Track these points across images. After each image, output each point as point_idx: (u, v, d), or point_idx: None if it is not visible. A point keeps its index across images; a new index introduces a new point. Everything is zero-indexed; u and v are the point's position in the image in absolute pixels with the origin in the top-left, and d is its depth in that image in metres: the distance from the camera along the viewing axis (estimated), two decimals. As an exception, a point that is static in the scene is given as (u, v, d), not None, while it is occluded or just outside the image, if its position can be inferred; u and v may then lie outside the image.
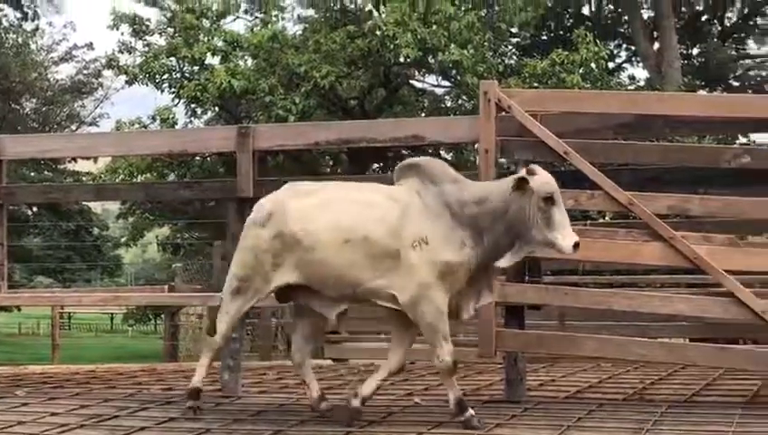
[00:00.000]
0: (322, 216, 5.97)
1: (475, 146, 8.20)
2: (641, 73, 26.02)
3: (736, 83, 27.68)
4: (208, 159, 22.86)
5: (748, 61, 28.50)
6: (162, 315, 23.15)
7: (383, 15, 20.62)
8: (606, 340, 6.89)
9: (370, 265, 5.87)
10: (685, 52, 28.50)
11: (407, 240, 5.83)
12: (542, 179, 5.77)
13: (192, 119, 23.54)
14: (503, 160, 7.05)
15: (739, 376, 7.94)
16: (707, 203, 6.63)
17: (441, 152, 23.81)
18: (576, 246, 5.70)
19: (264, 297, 6.31)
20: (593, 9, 28.55)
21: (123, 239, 32.54)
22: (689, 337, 9.91)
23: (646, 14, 25.78)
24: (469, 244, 5.84)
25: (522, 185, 5.70)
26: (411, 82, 23.94)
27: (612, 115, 6.93)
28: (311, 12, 23.85)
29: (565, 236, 5.72)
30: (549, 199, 5.71)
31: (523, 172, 5.81)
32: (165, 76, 23.25)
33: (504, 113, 6.87)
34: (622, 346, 6.82)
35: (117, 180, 21.87)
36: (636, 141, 7.05)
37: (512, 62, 24.58)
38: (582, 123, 7.02)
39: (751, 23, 28.27)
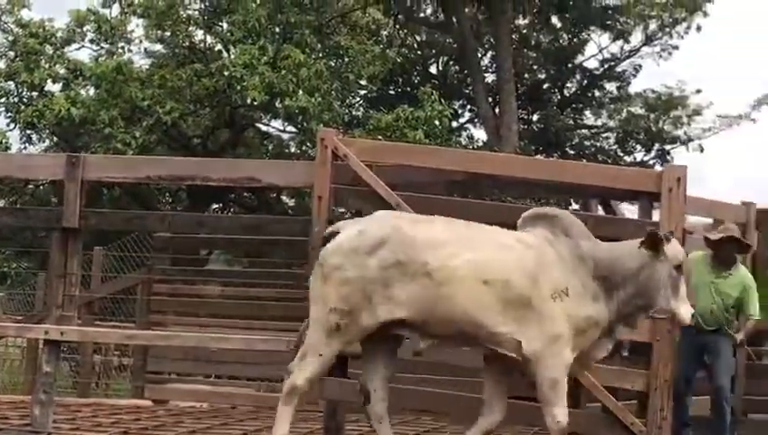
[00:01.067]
0: (463, 250, 5.58)
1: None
2: (482, 135, 26.66)
3: (572, 151, 28.57)
4: (41, 186, 22.19)
5: (584, 130, 29.48)
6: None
7: (232, 57, 20.53)
8: (432, 393, 6.94)
9: (501, 310, 5.56)
10: (526, 117, 29.31)
11: (544, 289, 5.61)
12: (676, 247, 5.87)
13: (27, 145, 22.81)
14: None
15: None
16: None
17: (282, 197, 23.82)
18: (693, 316, 5.91)
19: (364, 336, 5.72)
20: (440, 68, 29.17)
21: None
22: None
23: (489, 77, 26.46)
24: (603, 301, 5.74)
25: (657, 246, 5.74)
26: (257, 125, 23.88)
27: (445, 171, 7.06)
28: (159, 47, 23.55)
29: (687, 307, 5.88)
30: (680, 268, 5.83)
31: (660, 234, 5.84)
32: (2, 100, 22.53)
33: (340, 162, 6.90)
34: (447, 400, 6.89)
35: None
36: (466, 199, 7.18)
37: (358, 113, 24.83)
38: (416, 177, 7.13)
39: (589, 94, 29.31)
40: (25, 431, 7.15)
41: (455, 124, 28.25)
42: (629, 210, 9.42)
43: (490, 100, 24.91)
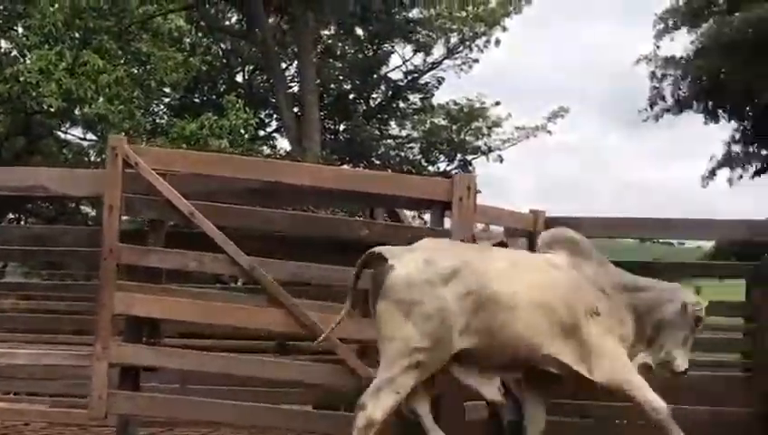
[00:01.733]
0: (519, 277, 5.77)
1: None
2: (286, 144, 26.68)
3: (378, 161, 28.95)
4: None
5: (390, 141, 29.92)
6: None
7: (27, 62, 19.82)
8: (215, 404, 6.86)
9: (549, 331, 5.75)
10: (332, 127, 29.52)
11: (580, 309, 5.90)
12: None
13: None
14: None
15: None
16: (327, 272, 6.80)
17: (81, 206, 23.16)
18: (684, 372, 6.15)
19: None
20: (246, 77, 29.04)
21: None
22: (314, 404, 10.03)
23: (295, 87, 26.50)
24: (628, 324, 6.12)
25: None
26: (55, 132, 23.15)
27: (243, 180, 6.99)
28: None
29: (684, 359, 6.15)
30: (699, 321, 6.21)
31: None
32: None
33: (132, 170, 6.75)
34: (229, 411, 6.83)
35: None
36: (265, 208, 7.13)
37: (162, 121, 24.42)
38: (214, 186, 7.04)
39: (393, 105, 29.78)
40: None
41: (261, 133, 28.18)
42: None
43: (296, 109, 24.94)
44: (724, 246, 21.97)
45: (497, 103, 29.19)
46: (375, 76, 29.33)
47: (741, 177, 23.31)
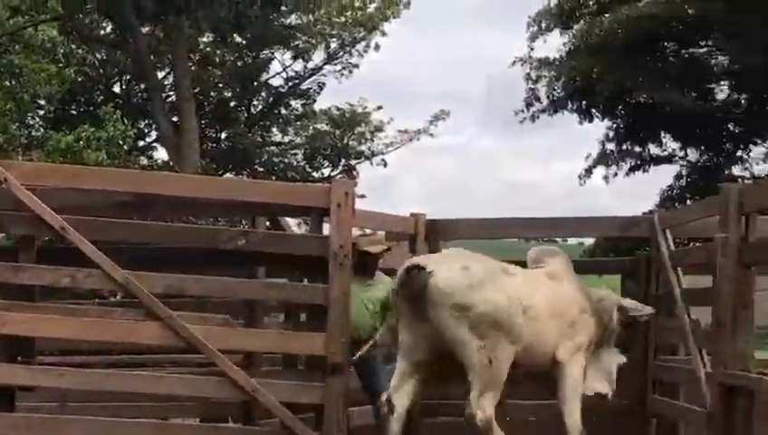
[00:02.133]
0: (532, 289, 6.60)
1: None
2: (165, 154, 26.35)
3: (262, 169, 28.80)
4: None
5: (273, 148, 29.80)
6: None
7: None
8: (94, 422, 6.76)
9: (558, 339, 6.70)
10: (214, 135, 29.27)
11: (572, 319, 6.75)
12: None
13: None
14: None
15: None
16: (204, 284, 6.77)
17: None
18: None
19: None
20: (123, 87, 28.59)
21: None
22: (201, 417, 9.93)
23: (173, 95, 26.20)
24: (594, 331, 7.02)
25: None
26: None
27: (115, 193, 6.90)
28: None
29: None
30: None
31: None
32: None
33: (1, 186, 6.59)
34: (115, 429, 6.74)
35: None
36: (138, 220, 7.05)
37: (38, 134, 23.86)
38: (87, 200, 6.93)
39: (275, 112, 29.69)
40: None
41: (141, 144, 27.77)
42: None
43: (175, 118, 24.66)
44: (603, 243, 22.48)
45: (379, 108, 29.37)
46: (255, 83, 29.19)
47: (616, 174, 23.90)
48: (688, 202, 20.86)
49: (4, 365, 6.57)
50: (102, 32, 26.91)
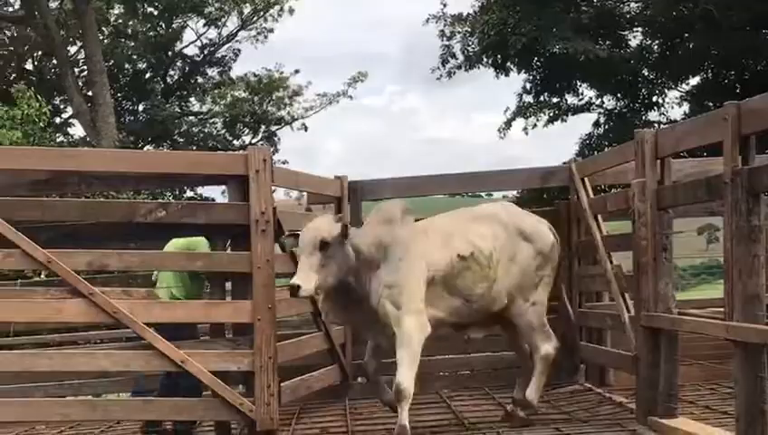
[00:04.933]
0: None
1: None
2: (81, 130, 25.93)
3: (182, 139, 28.53)
4: None
5: (192, 118, 29.51)
6: None
7: None
8: (27, 403, 6.68)
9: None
10: (131, 108, 28.89)
11: None
12: None
13: None
14: None
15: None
16: (125, 258, 6.69)
17: None
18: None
19: None
20: (35, 64, 28.03)
21: None
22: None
23: (86, 70, 25.75)
24: None
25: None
26: None
27: (27, 172, 6.78)
28: None
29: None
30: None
31: None
32: None
33: None
34: (45, 408, 6.67)
35: None
36: (53, 198, 6.96)
37: (-51, 115, 23.32)
38: (1, 180, 6.80)
39: (192, 81, 29.39)
40: None
41: (57, 120, 27.31)
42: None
43: (90, 93, 24.24)
44: (526, 195, 22.70)
45: (297, 72, 29.26)
46: (170, 53, 28.86)
47: (535, 125, 24.11)
48: (606, 150, 21.15)
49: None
50: (10, 9, 26.32)
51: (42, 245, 6.47)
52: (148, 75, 29.06)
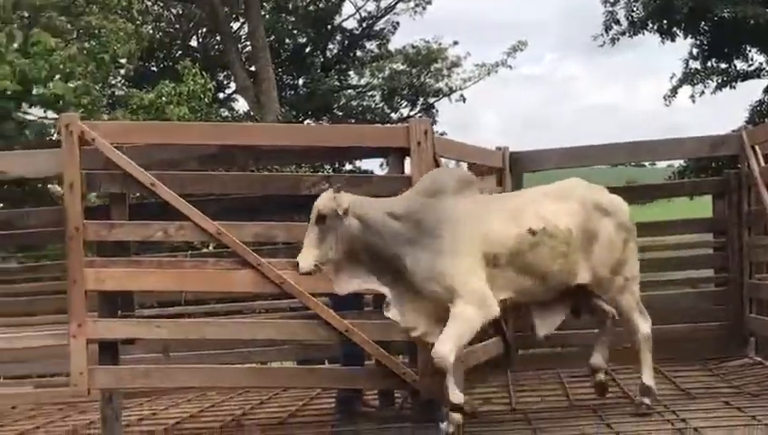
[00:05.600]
0: None
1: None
2: (245, 105, 26.52)
3: (341, 113, 28.88)
4: None
5: (350, 91, 29.82)
6: None
7: (-22, 46, 19.58)
8: (198, 369, 6.92)
9: None
10: (291, 82, 29.39)
11: None
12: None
13: None
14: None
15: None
16: (292, 230, 6.84)
17: (50, 186, 22.99)
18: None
19: None
20: (200, 41, 28.79)
21: None
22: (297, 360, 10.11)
23: (249, 45, 26.29)
24: None
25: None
26: (14, 114, 22.89)
27: (198, 147, 7.01)
28: None
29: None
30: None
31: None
32: None
33: (88, 146, 6.73)
34: (215, 375, 6.90)
35: None
36: (222, 172, 7.17)
37: (121, 93, 24.23)
38: (170, 155, 7.05)
39: (351, 54, 29.65)
40: None
41: (221, 96, 28.03)
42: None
43: (253, 68, 24.75)
44: (693, 164, 22.13)
45: (455, 43, 29.14)
46: (329, 27, 29.16)
47: (702, 93, 23.39)
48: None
49: (104, 321, 6.76)
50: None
51: (210, 217, 6.68)
52: (308, 50, 29.45)
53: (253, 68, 25.17)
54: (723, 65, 23.23)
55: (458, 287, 5.87)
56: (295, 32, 28.72)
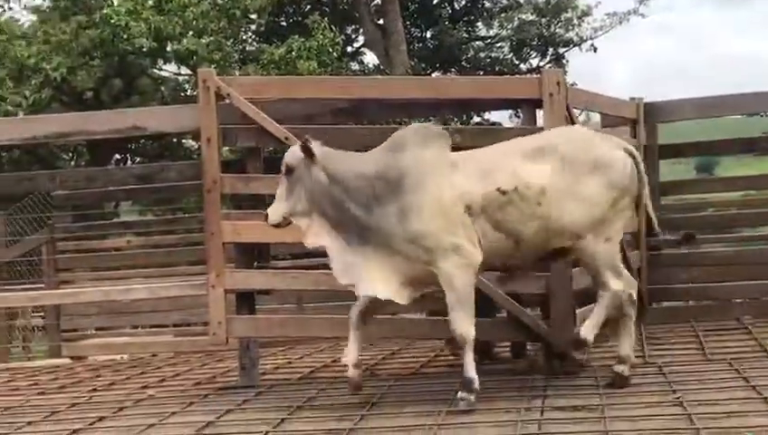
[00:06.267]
0: None
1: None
2: (374, 59, 26.58)
3: (468, 65, 28.72)
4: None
5: (478, 42, 29.62)
6: None
7: (116, 5, 20.12)
8: (331, 320, 7.04)
9: None
10: (419, 35, 29.32)
11: None
12: None
13: None
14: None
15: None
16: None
17: (184, 141, 23.58)
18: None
19: None
20: (329, -6, 28.95)
21: None
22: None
23: (377, -2, 26.34)
24: None
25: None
26: (150, 71, 23.48)
27: (330, 100, 7.11)
28: (39, 1, 23.01)
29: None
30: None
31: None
32: None
33: (224, 101, 6.88)
34: (345, 325, 7.01)
35: None
36: (353, 125, 7.24)
37: (252, 48, 24.59)
38: (302, 109, 7.16)
39: (479, 5, 29.40)
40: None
41: (350, 50, 28.16)
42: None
43: (380, 21, 24.78)
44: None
45: (587, -9, 28.63)
46: (458, -22, 28.98)
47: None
48: None
49: (242, 272, 6.93)
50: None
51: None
52: (435, 1, 29.32)
53: (381, 21, 25.20)
54: None
55: (434, 247, 5.62)
56: (422, -17, 28.63)
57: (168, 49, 20.84)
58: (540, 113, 6.85)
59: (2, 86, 19.88)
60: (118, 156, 24.70)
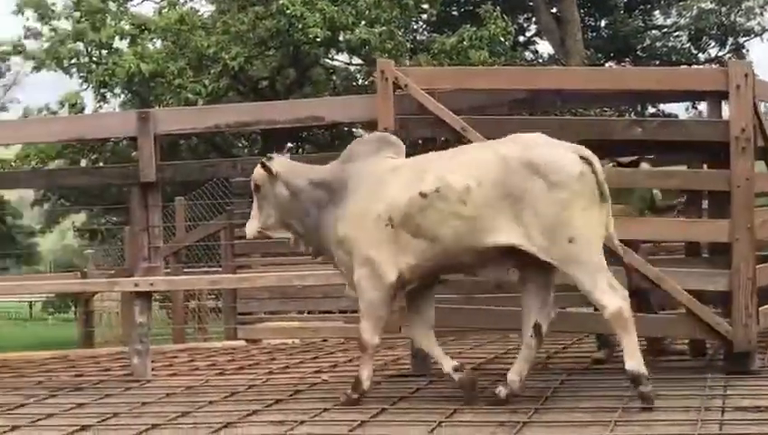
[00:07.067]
0: None
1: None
2: (548, 48, 26.32)
3: (643, 54, 28.09)
4: (121, 144, 22.58)
5: (654, 32, 28.92)
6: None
7: (291, -5, 20.51)
8: (501, 313, 6.97)
9: None
10: (593, 24, 28.85)
11: None
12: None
13: (102, 104, 23.19)
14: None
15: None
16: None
17: (354, 130, 23.88)
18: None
19: None
20: (501, -17, 28.74)
21: (38, 227, 32.23)
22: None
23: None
24: None
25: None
26: (322, 61, 23.88)
27: (506, 91, 7.06)
28: (219, -8, 23.68)
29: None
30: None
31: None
32: (72, 61, 22.94)
33: (400, 92, 6.92)
34: (518, 319, 6.95)
35: (28, 167, 21.55)
36: (529, 116, 7.19)
37: (423, 38, 24.69)
38: (478, 100, 7.14)
39: (656, -7, 28.72)
40: (126, 381, 7.41)
41: (521, 39, 27.94)
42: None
43: (554, 10, 24.49)
44: None
45: (770, -22, 27.58)
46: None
47: None
48: None
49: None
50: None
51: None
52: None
53: (555, 10, 24.90)
54: None
55: (355, 253, 5.88)
56: (598, -28, 28.13)
57: (341, 39, 21.12)
58: (725, 106, 6.66)
59: (182, 75, 20.56)
60: (290, 144, 25.20)
